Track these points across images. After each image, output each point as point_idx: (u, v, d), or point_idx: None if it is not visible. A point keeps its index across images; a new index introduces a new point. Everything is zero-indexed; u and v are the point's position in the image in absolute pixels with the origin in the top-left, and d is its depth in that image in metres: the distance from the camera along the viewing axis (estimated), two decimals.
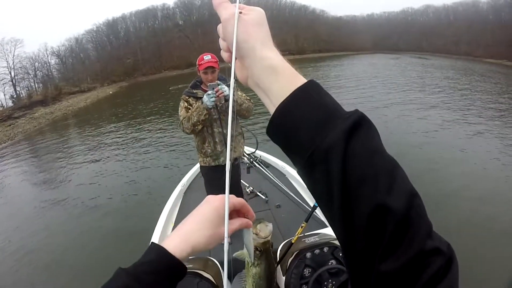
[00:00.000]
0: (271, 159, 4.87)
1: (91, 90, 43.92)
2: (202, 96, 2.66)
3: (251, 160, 4.60)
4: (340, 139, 0.37)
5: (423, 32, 72.04)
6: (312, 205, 2.14)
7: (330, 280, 1.49)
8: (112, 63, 54.98)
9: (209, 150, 2.89)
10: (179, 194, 4.11)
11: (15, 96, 39.91)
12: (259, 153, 4.76)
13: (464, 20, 65.56)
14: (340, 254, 1.61)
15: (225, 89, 2.57)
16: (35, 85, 44.82)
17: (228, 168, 0.51)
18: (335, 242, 1.71)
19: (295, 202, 3.62)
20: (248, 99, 2.87)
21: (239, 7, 0.48)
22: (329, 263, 1.58)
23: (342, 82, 22.16)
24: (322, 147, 0.38)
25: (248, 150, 4.63)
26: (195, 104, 2.72)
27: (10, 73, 41.97)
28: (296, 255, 1.67)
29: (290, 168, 4.33)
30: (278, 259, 1.72)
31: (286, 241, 1.86)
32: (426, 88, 17.35)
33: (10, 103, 37.94)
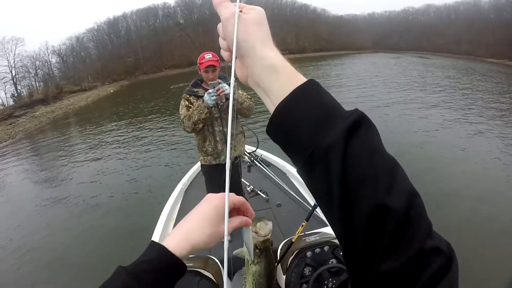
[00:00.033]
0: (272, 158, 4.87)
1: (92, 88, 43.88)
2: (203, 95, 2.65)
3: (252, 159, 4.59)
4: (340, 138, 0.37)
5: (424, 31, 71.89)
6: (312, 204, 2.14)
7: (330, 279, 1.49)
8: (113, 62, 54.97)
9: (210, 149, 2.89)
10: (180, 192, 4.11)
11: (16, 95, 39.89)
12: (260, 152, 4.75)
13: (465, 19, 65.41)
14: (341, 253, 1.61)
15: (226, 87, 2.56)
16: (36, 84, 44.85)
17: (228, 166, 0.51)
18: (336, 241, 1.71)
19: (295, 201, 3.62)
20: (249, 97, 2.86)
21: (239, 6, 0.48)
22: (329, 262, 1.57)
23: (343, 81, 22.15)
24: (322, 146, 0.38)
25: (249, 149, 4.63)
26: (196, 103, 2.72)
27: (11, 72, 41.97)
28: (296, 254, 1.66)
29: (290, 167, 4.33)
30: (278, 258, 1.72)
31: (286, 240, 1.86)
32: (427, 88, 17.34)
33: (11, 101, 37.98)
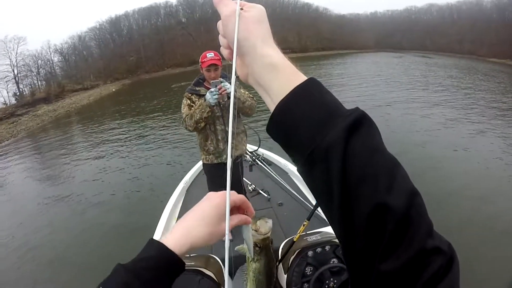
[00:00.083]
0: (273, 157, 4.86)
1: (94, 87, 43.84)
2: (205, 94, 2.65)
3: (254, 158, 4.59)
4: (340, 137, 0.37)
5: (427, 30, 71.61)
6: (314, 203, 2.13)
7: (331, 278, 1.49)
8: (115, 61, 54.94)
9: (211, 148, 2.89)
10: (181, 191, 4.12)
11: (18, 94, 39.87)
12: (261, 151, 4.75)
13: (468, 18, 65.09)
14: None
15: (227, 86, 2.55)
16: (38, 82, 44.78)
17: (229, 165, 0.51)
18: (337, 240, 1.70)
19: (297, 200, 3.62)
20: (251, 96, 2.86)
21: (239, 4, 0.48)
22: (331, 262, 1.57)
23: (345, 80, 22.12)
24: (322, 145, 0.37)
25: (250, 148, 4.63)
26: (198, 102, 2.72)
27: (13, 70, 41.92)
28: (297, 254, 1.66)
29: (292, 166, 4.31)
30: (279, 257, 1.72)
31: (288, 239, 1.85)
32: (429, 87, 17.30)
33: (13, 100, 37.91)
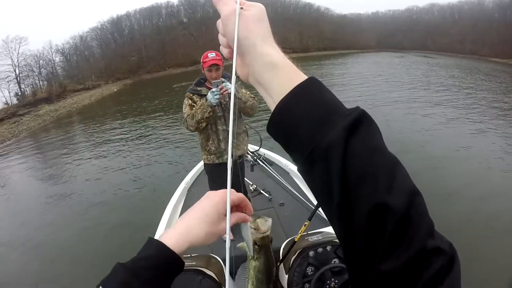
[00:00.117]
0: (275, 157, 4.86)
1: (95, 87, 43.90)
2: (206, 94, 2.65)
3: (255, 158, 4.59)
4: (341, 137, 0.36)
5: (428, 30, 71.35)
6: (315, 203, 2.13)
7: (332, 278, 1.49)
8: (116, 61, 54.99)
9: (213, 148, 2.89)
10: (183, 191, 4.12)
11: (19, 94, 39.93)
12: (263, 151, 4.75)
13: (469, 18, 64.84)
14: None
15: (229, 86, 2.55)
16: (39, 82, 44.80)
17: (229, 165, 0.51)
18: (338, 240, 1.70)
19: (298, 200, 3.62)
20: (253, 97, 2.85)
21: (239, 2, 0.47)
22: (332, 262, 1.57)
23: (346, 80, 22.11)
24: (322, 145, 0.37)
25: (252, 148, 4.63)
26: (199, 102, 2.72)
27: (15, 70, 41.95)
28: (299, 254, 1.66)
29: (293, 166, 4.30)
30: (281, 257, 1.72)
31: (289, 239, 1.85)
32: (430, 87, 17.27)
33: (14, 100, 37.97)
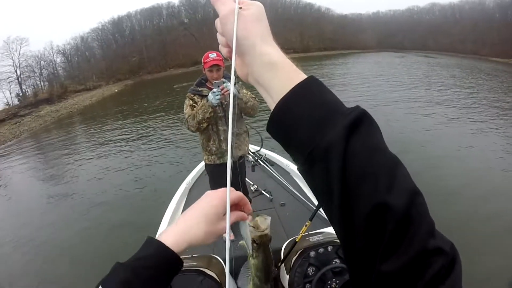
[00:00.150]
0: (275, 157, 4.86)
1: (96, 88, 44.05)
2: (207, 94, 2.65)
3: (256, 158, 4.59)
4: (341, 136, 0.36)
5: (429, 30, 71.22)
6: (316, 203, 2.13)
7: (334, 279, 1.48)
8: (117, 61, 55.08)
9: (214, 148, 2.89)
10: (184, 191, 4.12)
11: (21, 95, 40.08)
12: (264, 151, 4.75)
13: (470, 18, 64.71)
14: None
15: (230, 86, 2.55)
16: (40, 83, 44.93)
17: (229, 165, 0.50)
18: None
19: (299, 201, 3.61)
20: (254, 97, 2.85)
21: (238, 2, 0.47)
22: (333, 262, 1.57)
23: (347, 80, 22.11)
24: (322, 145, 0.37)
25: (253, 148, 4.62)
26: (200, 102, 2.71)
27: (16, 71, 42.12)
28: (300, 254, 1.66)
29: (294, 167, 4.29)
30: (282, 258, 1.72)
31: (290, 239, 1.85)
32: (431, 86, 17.26)
33: (16, 101, 38.16)
